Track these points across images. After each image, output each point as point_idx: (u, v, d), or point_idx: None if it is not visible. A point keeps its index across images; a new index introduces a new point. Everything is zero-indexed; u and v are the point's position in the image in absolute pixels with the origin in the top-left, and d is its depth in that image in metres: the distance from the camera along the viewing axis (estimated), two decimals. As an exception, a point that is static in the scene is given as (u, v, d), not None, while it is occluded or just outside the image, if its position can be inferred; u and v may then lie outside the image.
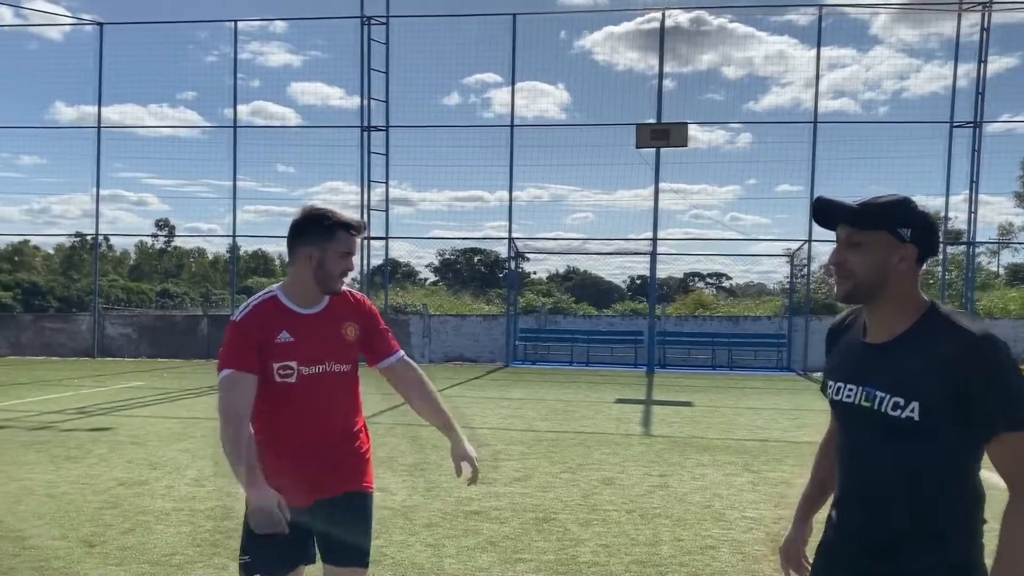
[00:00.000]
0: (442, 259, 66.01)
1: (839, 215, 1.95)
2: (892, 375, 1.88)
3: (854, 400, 1.95)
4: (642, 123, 19.90)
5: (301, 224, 2.73)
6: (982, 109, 19.51)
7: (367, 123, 21.29)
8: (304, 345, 2.71)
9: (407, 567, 4.75)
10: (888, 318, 1.93)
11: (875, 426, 1.89)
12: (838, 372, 2.05)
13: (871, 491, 1.93)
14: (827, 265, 2.10)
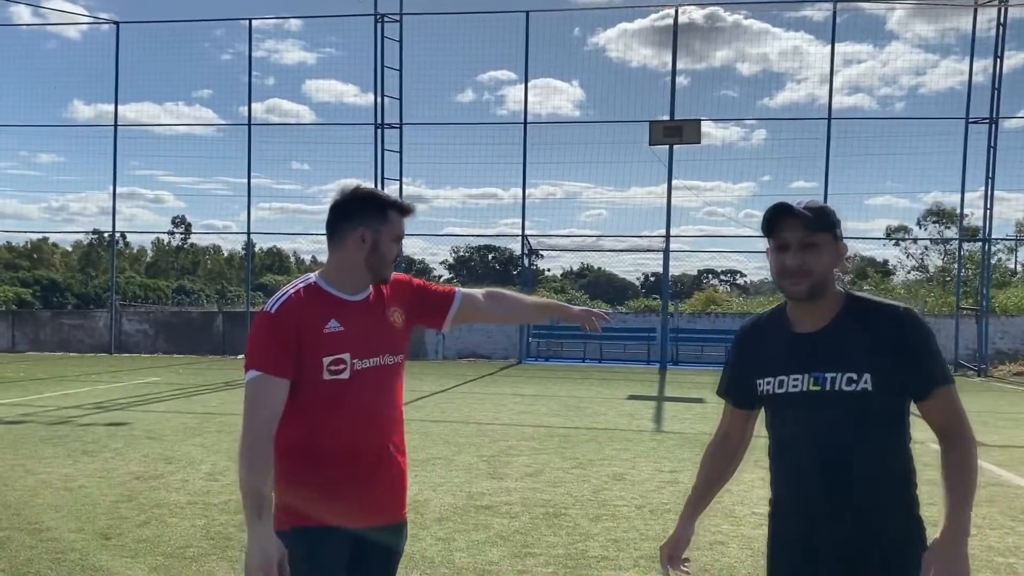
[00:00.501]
0: (456, 256, 66.19)
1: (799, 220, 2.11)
2: (839, 356, 2.10)
3: (801, 387, 2.13)
4: (655, 120, 19.88)
5: (350, 204, 2.42)
6: (998, 105, 19.36)
7: (381, 120, 21.37)
8: (356, 335, 2.37)
9: (418, 560, 4.80)
10: (820, 309, 2.15)
11: (830, 406, 2.10)
12: (772, 368, 2.19)
13: (836, 465, 2.10)
14: (782, 268, 2.12)
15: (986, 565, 4.87)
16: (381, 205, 2.41)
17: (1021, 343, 20.66)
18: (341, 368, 2.33)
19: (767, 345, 2.24)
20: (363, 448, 2.38)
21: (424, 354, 22.17)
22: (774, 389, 2.18)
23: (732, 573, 4.66)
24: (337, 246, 2.42)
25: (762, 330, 2.30)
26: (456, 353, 22.23)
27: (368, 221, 2.39)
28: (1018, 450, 8.89)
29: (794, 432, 2.18)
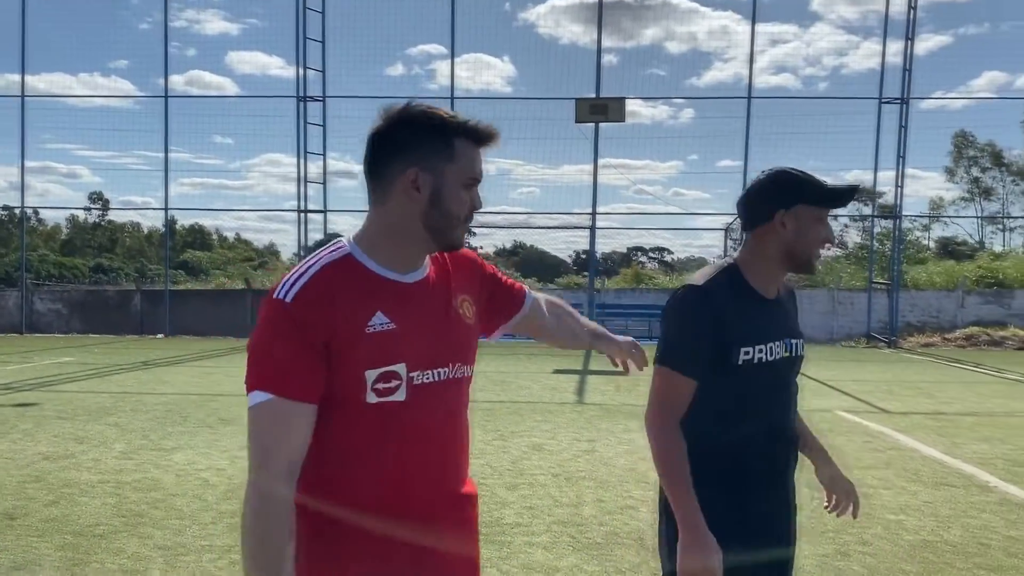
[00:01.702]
0: (386, 233, 65.53)
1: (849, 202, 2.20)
2: (794, 323, 2.25)
3: (780, 354, 2.16)
4: (581, 98, 19.98)
5: (396, 131, 1.61)
6: (909, 86, 20.06)
7: (303, 93, 20.97)
8: (414, 334, 1.60)
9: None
10: (780, 278, 2.24)
11: (792, 371, 2.23)
12: (759, 335, 2.10)
13: (792, 423, 2.26)
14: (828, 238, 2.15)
15: (878, 522, 5.14)
16: (443, 130, 1.60)
17: (929, 316, 21.60)
18: (394, 385, 1.58)
19: (744, 311, 2.11)
20: (424, 504, 1.64)
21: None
22: (766, 357, 2.10)
23: (641, 536, 4.81)
24: (379, 197, 1.64)
25: (731, 295, 2.11)
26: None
27: (427, 157, 1.59)
28: (917, 416, 9.34)
29: (766, 398, 2.15)
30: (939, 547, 4.70)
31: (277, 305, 1.54)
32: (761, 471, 2.14)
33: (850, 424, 8.74)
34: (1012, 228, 47.27)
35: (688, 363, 2.08)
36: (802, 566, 4.35)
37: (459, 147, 1.61)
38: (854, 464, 6.73)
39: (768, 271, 2.16)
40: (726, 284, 2.11)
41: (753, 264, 2.16)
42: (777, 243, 2.12)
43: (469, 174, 1.63)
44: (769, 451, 2.15)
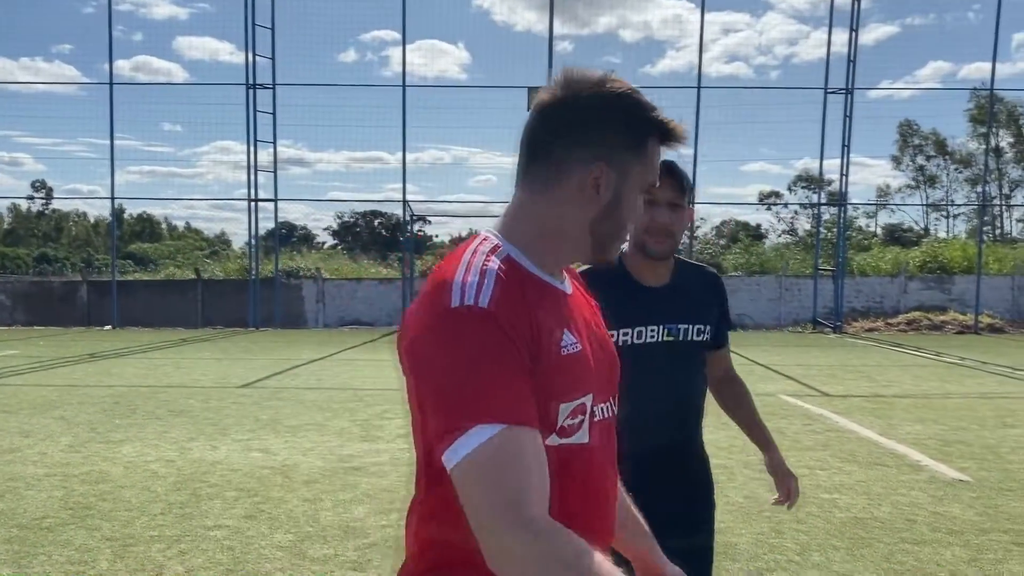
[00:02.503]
0: (341, 222, 64.98)
1: (678, 180, 2.20)
2: (688, 309, 2.32)
3: (657, 338, 2.28)
4: (533, 87, 20.06)
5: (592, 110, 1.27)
6: (854, 76, 20.51)
7: (252, 81, 20.71)
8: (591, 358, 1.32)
9: (283, 520, 4.88)
10: (664, 266, 2.33)
11: (679, 354, 2.31)
12: (630, 319, 2.25)
13: (684, 406, 2.36)
14: (652, 223, 2.16)
15: (811, 501, 5.35)
16: (642, 122, 1.29)
17: (874, 302, 22.19)
18: (578, 422, 1.27)
19: (617, 298, 2.08)
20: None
21: (303, 322, 21.87)
22: (632, 340, 2.24)
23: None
24: (542, 186, 1.29)
25: (605, 283, 1.91)
26: (338, 320, 22.02)
27: (614, 150, 1.27)
28: (856, 399, 9.66)
29: (645, 380, 2.16)
30: (868, 523, 4.92)
31: (472, 315, 1.16)
32: (643, 452, 2.17)
33: (792, 407, 9.01)
34: (955, 215, 48.71)
35: None
36: (737, 543, 4.54)
37: (650, 145, 1.30)
38: (794, 446, 6.96)
39: (637, 260, 2.31)
40: (605, 274, 1.87)
41: (628, 254, 2.31)
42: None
43: (651, 180, 1.33)
44: (655, 431, 2.26)
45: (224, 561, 4.22)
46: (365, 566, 4.16)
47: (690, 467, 2.39)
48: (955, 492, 5.60)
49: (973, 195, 45.07)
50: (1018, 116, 46.09)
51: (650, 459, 2.24)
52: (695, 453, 2.42)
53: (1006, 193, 48.45)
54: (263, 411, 8.62)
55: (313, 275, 22.94)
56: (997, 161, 46.53)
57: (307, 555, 4.32)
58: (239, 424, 7.88)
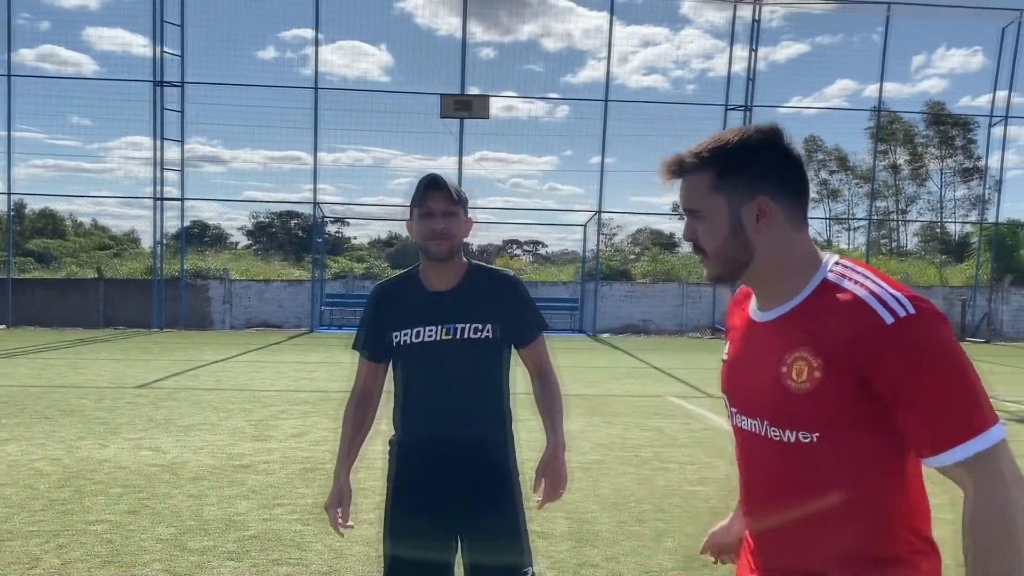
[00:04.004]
0: (256, 222, 63.76)
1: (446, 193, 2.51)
2: (467, 310, 2.53)
3: (436, 336, 2.52)
4: (446, 94, 20.32)
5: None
6: (753, 94, 21.49)
7: (160, 77, 20.35)
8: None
9: (166, 515, 4.99)
10: (451, 272, 2.59)
11: (458, 351, 2.51)
12: (409, 321, 2.53)
13: (462, 398, 2.53)
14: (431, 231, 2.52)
15: (676, 493, 5.76)
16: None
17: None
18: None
19: (403, 302, 2.59)
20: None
21: (209, 323, 21.56)
22: (411, 339, 2.52)
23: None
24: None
25: (397, 290, 2.64)
26: (244, 323, 21.79)
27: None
28: (738, 400, 10.23)
29: (423, 375, 2.54)
30: (724, 513, 5.30)
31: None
32: (418, 441, 2.56)
33: (675, 407, 9.50)
34: (856, 228, 50.92)
35: (362, 346, 2.67)
36: (599, 531, 4.89)
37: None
38: (670, 443, 7.40)
39: (426, 268, 2.59)
40: (398, 282, 2.67)
41: (421, 265, 2.63)
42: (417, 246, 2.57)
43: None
44: (436, 424, 2.51)
45: (102, 553, 4.33)
46: (243, 556, 4.33)
47: (475, 460, 2.52)
48: (807, 484, 6.09)
49: (874, 209, 47.39)
50: (914, 135, 48.60)
51: (425, 448, 2.53)
52: (483, 447, 2.54)
53: (903, 208, 50.95)
54: (157, 411, 8.62)
55: (220, 276, 22.63)
56: (894, 177, 48.99)
57: (186, 547, 4.46)
58: (131, 424, 7.88)
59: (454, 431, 2.52)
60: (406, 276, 2.66)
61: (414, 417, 2.58)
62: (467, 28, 21.08)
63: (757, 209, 1.48)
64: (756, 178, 1.48)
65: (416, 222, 2.53)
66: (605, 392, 10.53)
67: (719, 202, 1.49)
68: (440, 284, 2.58)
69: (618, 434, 7.85)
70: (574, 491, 5.75)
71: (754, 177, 1.48)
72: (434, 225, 2.48)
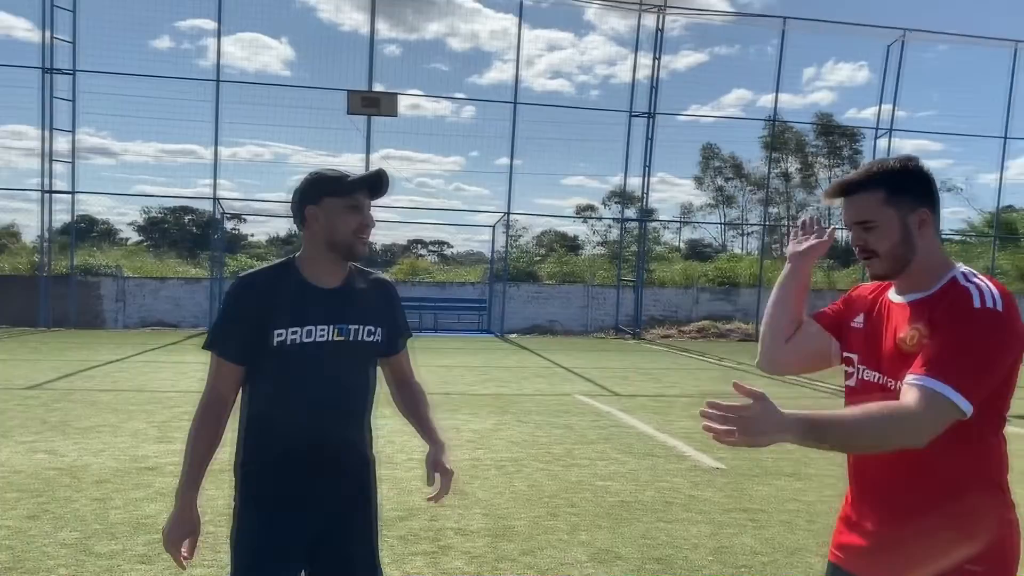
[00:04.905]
0: (148, 217, 61.38)
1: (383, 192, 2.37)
2: (360, 311, 2.36)
3: (328, 336, 2.30)
4: (353, 90, 20.09)
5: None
6: (656, 101, 22.08)
7: (50, 64, 19.38)
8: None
9: (69, 519, 4.82)
10: (342, 269, 2.38)
11: (348, 354, 2.33)
12: (296, 318, 2.27)
13: (346, 402, 2.35)
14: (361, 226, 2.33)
15: (587, 488, 5.92)
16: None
17: (669, 311, 23.90)
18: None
19: (286, 297, 2.29)
20: None
21: (101, 322, 20.67)
22: (302, 338, 2.26)
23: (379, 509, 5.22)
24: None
25: (275, 283, 2.31)
26: (139, 322, 20.97)
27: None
28: (641, 399, 10.54)
29: (310, 377, 2.28)
30: (633, 506, 5.52)
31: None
32: (307, 448, 2.29)
33: (584, 406, 9.71)
34: (749, 233, 52.90)
35: (226, 347, 2.27)
36: (515, 526, 4.99)
37: None
38: (580, 440, 7.58)
39: (321, 263, 2.33)
40: (273, 275, 2.32)
41: (308, 258, 2.35)
42: (317, 236, 2.30)
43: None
44: (315, 428, 2.29)
45: (3, 560, 4.15)
46: (154, 559, 4.23)
47: (349, 466, 2.38)
48: (710, 478, 6.36)
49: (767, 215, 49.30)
50: (805, 145, 50.84)
51: (307, 454, 2.29)
52: (357, 453, 2.41)
53: (793, 214, 53.21)
54: (51, 413, 8.25)
55: (113, 273, 21.71)
56: (786, 185, 51.14)
57: (93, 551, 4.32)
58: (24, 426, 7.52)
59: (335, 447, 2.34)
60: (282, 268, 2.36)
61: (289, 429, 2.29)
62: (376, 23, 20.89)
63: (919, 219, 1.90)
64: (917, 194, 1.90)
65: (340, 214, 2.28)
66: (516, 391, 10.68)
67: (891, 213, 1.90)
68: (328, 281, 2.35)
69: (530, 432, 7.98)
70: (489, 489, 5.84)
71: (916, 194, 1.90)
72: (366, 220, 2.32)
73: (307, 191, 2.32)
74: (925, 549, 1.83)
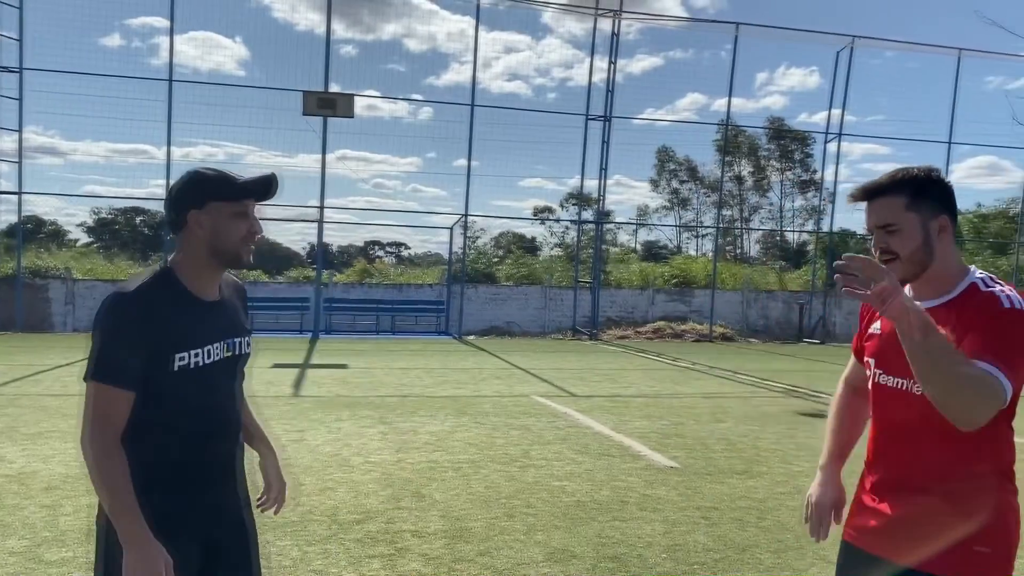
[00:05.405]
0: (98, 218, 60.13)
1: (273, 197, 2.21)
2: (238, 323, 2.26)
3: (221, 354, 2.17)
4: (309, 91, 19.93)
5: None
6: (612, 105, 22.27)
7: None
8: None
9: (17, 527, 4.73)
10: (217, 279, 2.23)
11: (236, 368, 2.26)
12: (197, 338, 2.11)
13: (235, 423, 2.25)
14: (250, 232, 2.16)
15: (544, 489, 5.97)
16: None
17: (626, 312, 24.12)
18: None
19: (180, 315, 2.09)
20: None
21: (50, 326, 20.21)
22: (203, 360, 2.11)
23: (335, 512, 5.23)
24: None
25: (166, 299, 2.09)
26: (89, 325, 20.35)
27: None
28: (598, 399, 10.64)
29: (207, 400, 2.15)
30: (588, 506, 5.59)
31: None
32: (208, 471, 2.16)
33: (541, 407, 9.78)
34: (703, 235, 53.56)
35: (123, 375, 1.99)
36: (472, 528, 5.02)
37: None
38: (537, 441, 7.64)
39: (201, 272, 2.15)
40: (160, 289, 2.08)
41: (186, 266, 2.14)
42: (199, 243, 2.11)
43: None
44: (214, 450, 2.17)
45: (-52, 570, 4.07)
46: (106, 566, 4.18)
47: (237, 482, 2.27)
48: (664, 477, 6.46)
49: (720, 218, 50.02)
50: (757, 148, 51.65)
51: (206, 478, 2.16)
52: (239, 467, 2.30)
53: (746, 217, 54.00)
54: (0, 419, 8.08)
55: (62, 275, 21.25)
56: (739, 188, 51.89)
57: (43, 559, 4.26)
58: (-31, 433, 7.35)
59: (231, 467, 2.23)
60: (163, 279, 2.12)
61: (187, 455, 2.11)
62: (331, 23, 20.74)
63: (939, 226, 2.00)
64: (938, 202, 2.00)
65: (227, 219, 2.11)
66: (473, 393, 10.70)
67: (913, 218, 1.99)
68: (210, 293, 2.19)
69: (487, 434, 8.02)
70: (446, 491, 5.86)
71: (937, 201, 2.00)
72: (255, 227, 2.16)
73: (190, 193, 2.11)
74: (937, 530, 1.95)
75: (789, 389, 12.30)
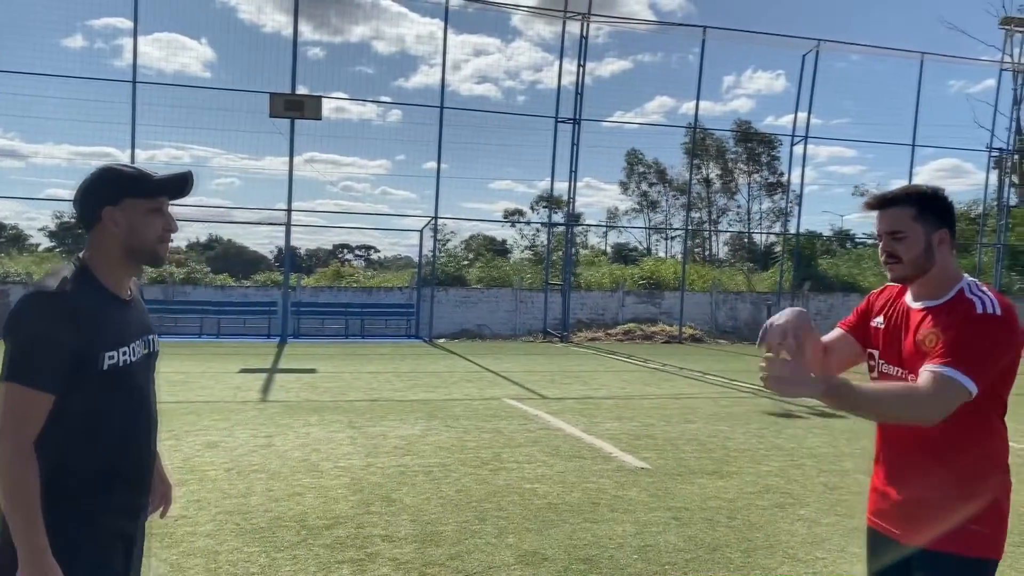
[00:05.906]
0: (60, 222, 59.06)
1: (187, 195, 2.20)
2: (146, 319, 2.27)
3: (139, 353, 2.16)
4: (276, 93, 19.75)
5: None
6: (581, 108, 22.33)
7: (-46, 64, 18.50)
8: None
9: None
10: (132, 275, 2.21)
11: (151, 367, 2.26)
12: (122, 337, 2.08)
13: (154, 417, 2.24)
14: (164, 233, 2.14)
15: (515, 491, 5.95)
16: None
17: (596, 314, 24.20)
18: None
19: (104, 314, 2.05)
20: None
21: (12, 331, 19.82)
22: (130, 358, 2.09)
23: (304, 518, 5.16)
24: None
25: (86, 299, 2.02)
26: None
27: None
28: (569, 401, 10.65)
29: (133, 400, 2.14)
30: (560, 507, 5.58)
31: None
32: (132, 469, 2.15)
33: (513, 409, 9.76)
34: (673, 237, 53.93)
35: (44, 377, 1.91)
36: (443, 531, 4.98)
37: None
38: (508, 443, 7.62)
39: (116, 270, 2.12)
40: (81, 287, 2.02)
41: (101, 264, 2.10)
42: (114, 241, 2.08)
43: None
44: (137, 448, 2.15)
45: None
46: None
47: (151, 480, 2.28)
48: (635, 478, 6.46)
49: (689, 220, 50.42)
50: (725, 151, 52.12)
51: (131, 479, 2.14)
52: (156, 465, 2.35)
53: (715, 219, 54.47)
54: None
55: (23, 280, 20.85)
56: (708, 190, 52.32)
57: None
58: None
59: (149, 468, 2.24)
60: (82, 277, 2.05)
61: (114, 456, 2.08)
62: (298, 25, 20.59)
63: (939, 238, 2.25)
64: (941, 217, 2.26)
65: (142, 216, 2.08)
66: (444, 396, 10.65)
67: (918, 228, 2.25)
68: (124, 290, 2.17)
69: (458, 437, 7.98)
70: (416, 495, 5.82)
71: (940, 216, 2.26)
72: (170, 224, 2.14)
73: (104, 189, 2.07)
74: (939, 511, 2.19)
75: (757, 390, 12.39)
